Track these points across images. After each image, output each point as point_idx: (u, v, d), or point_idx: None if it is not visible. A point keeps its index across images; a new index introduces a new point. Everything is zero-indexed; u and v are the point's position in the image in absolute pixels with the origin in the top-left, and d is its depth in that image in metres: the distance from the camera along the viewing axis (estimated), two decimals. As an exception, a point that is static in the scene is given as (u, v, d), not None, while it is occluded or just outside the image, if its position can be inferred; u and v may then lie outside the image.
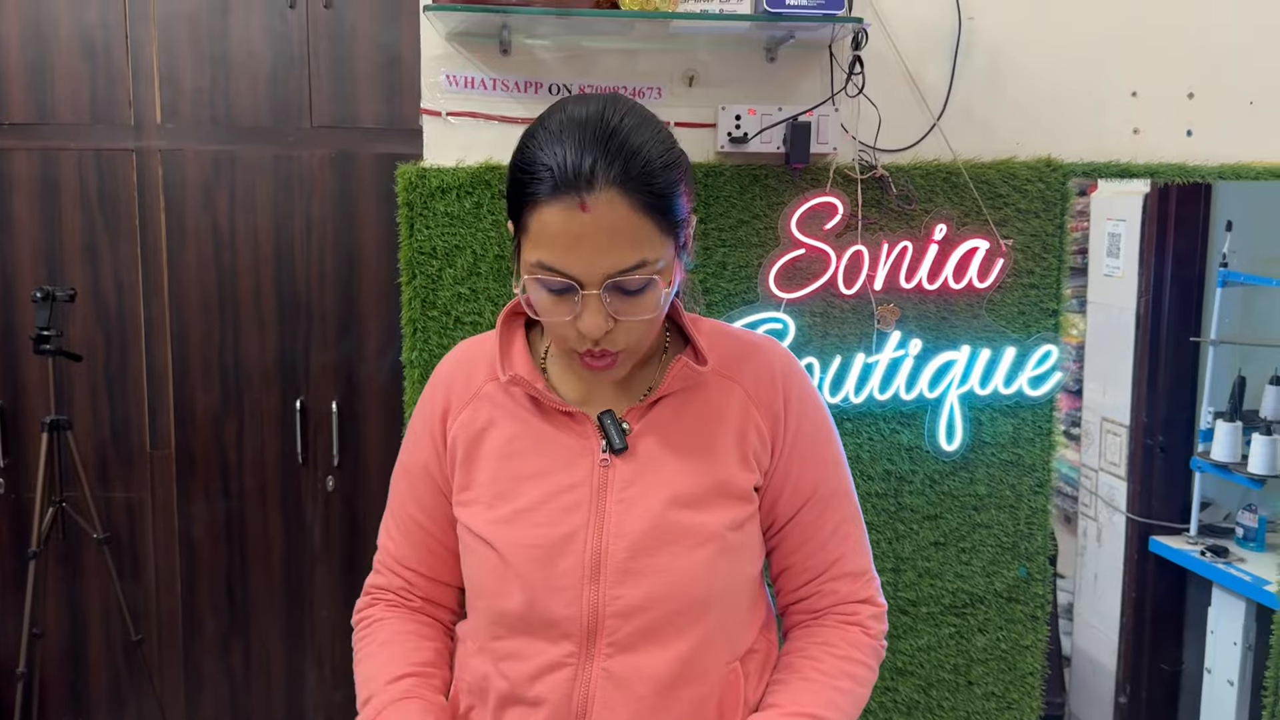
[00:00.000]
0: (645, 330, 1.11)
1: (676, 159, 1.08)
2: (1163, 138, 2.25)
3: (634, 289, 1.06)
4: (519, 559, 1.14)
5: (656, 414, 1.18)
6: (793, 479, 1.22)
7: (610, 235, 1.03)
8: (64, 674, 3.08)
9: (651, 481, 1.15)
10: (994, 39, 2.18)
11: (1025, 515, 2.25)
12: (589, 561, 1.13)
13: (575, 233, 1.02)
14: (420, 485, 1.25)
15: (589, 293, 1.05)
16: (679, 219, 1.08)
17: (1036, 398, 2.22)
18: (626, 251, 1.04)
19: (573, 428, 1.18)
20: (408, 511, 1.27)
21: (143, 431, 3.03)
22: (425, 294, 2.08)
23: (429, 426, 1.25)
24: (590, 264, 1.03)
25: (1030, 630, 2.28)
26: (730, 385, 1.21)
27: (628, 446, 1.16)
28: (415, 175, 2.06)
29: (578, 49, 2.09)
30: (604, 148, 1.03)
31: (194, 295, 3.00)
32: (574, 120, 1.05)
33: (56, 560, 3.01)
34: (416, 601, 1.29)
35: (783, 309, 2.15)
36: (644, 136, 1.05)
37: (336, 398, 3.04)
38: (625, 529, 1.13)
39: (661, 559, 1.13)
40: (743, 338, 1.26)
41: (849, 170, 2.14)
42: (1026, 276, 2.20)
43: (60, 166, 2.95)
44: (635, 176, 1.03)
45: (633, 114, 1.07)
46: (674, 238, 1.08)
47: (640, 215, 1.03)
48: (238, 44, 2.94)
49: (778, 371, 1.23)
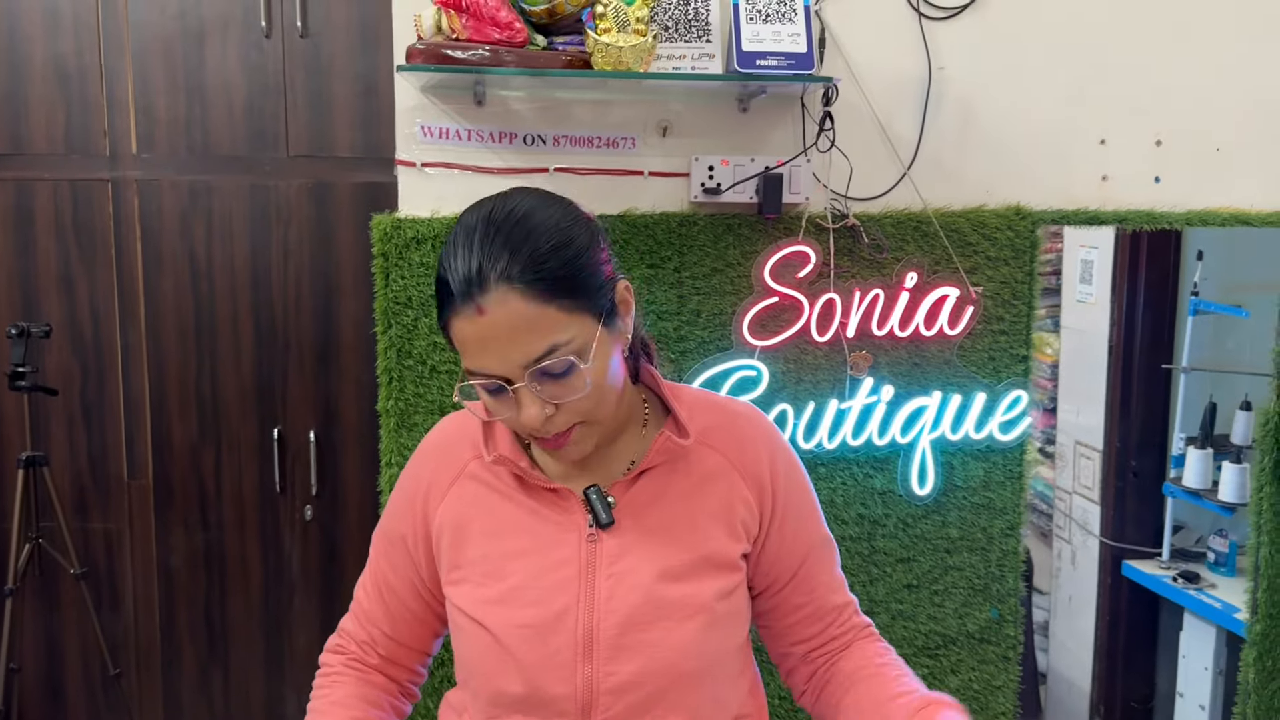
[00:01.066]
0: (589, 406, 1.11)
1: (571, 235, 1.08)
2: (1131, 184, 2.27)
3: (557, 372, 1.07)
4: (512, 639, 1.15)
5: (641, 487, 1.20)
6: (787, 542, 1.25)
7: (510, 331, 1.04)
8: (42, 710, 3.08)
9: (639, 555, 1.17)
10: (963, 89, 2.20)
11: (997, 557, 2.28)
12: (581, 639, 1.15)
13: (480, 336, 1.05)
14: (395, 552, 1.28)
15: (518, 386, 1.07)
16: (590, 291, 1.08)
17: (1007, 442, 2.24)
18: (532, 342, 1.05)
19: (558, 504, 1.19)
20: (382, 573, 1.30)
21: (120, 461, 3.03)
22: (401, 343, 2.09)
23: (411, 503, 1.27)
24: (504, 360, 1.05)
25: (1002, 670, 2.32)
26: (713, 455, 1.23)
27: (614, 521, 1.18)
28: (390, 226, 2.06)
29: (552, 100, 2.10)
30: (488, 248, 1.04)
31: (171, 324, 3.00)
32: (465, 228, 1.08)
33: (34, 595, 3.01)
34: (375, 659, 1.32)
35: (756, 356, 2.17)
36: (531, 223, 1.07)
37: (314, 427, 3.05)
38: (616, 605, 1.15)
39: (653, 634, 1.15)
40: (724, 407, 1.28)
41: (821, 219, 2.16)
42: (996, 323, 2.23)
43: (35, 197, 2.94)
44: (523, 266, 1.04)
45: (523, 202, 1.09)
46: (589, 312, 1.08)
47: (537, 303, 1.04)
48: (214, 73, 2.93)
49: (761, 440, 1.25)
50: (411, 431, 2.11)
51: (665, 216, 2.13)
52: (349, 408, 3.06)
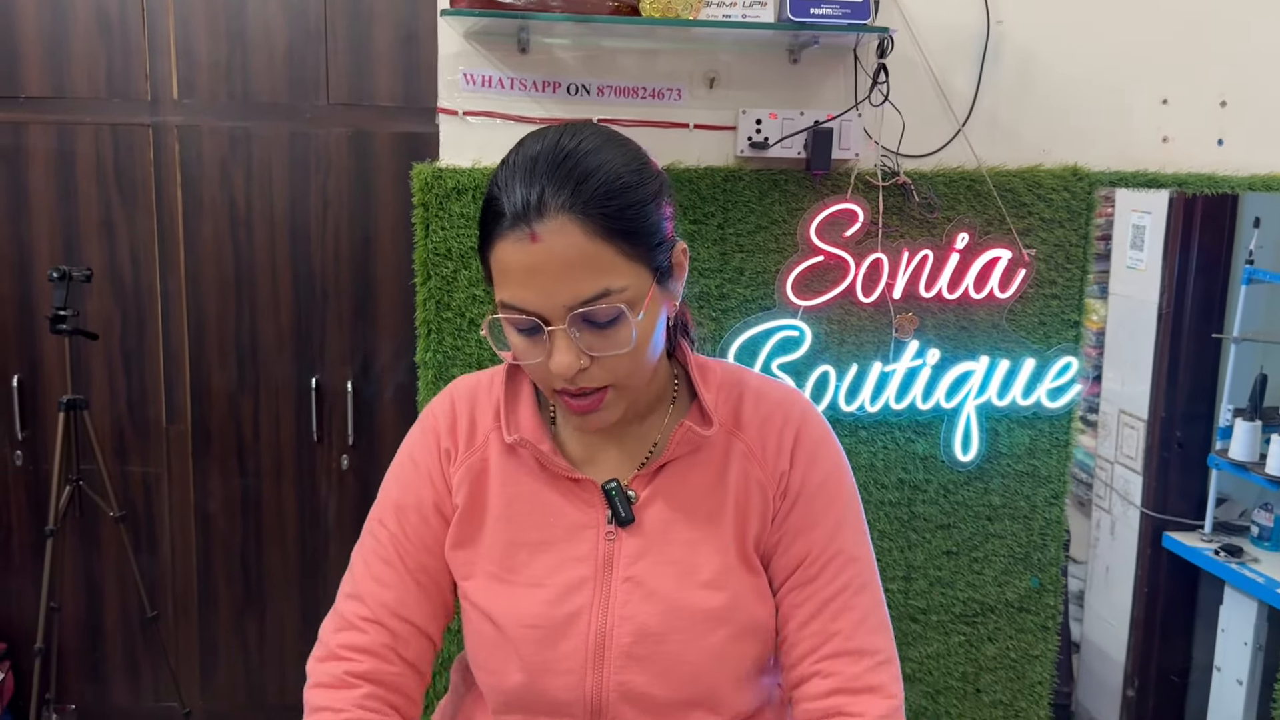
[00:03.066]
0: (628, 367, 1.02)
1: (642, 178, 1.00)
2: (1193, 146, 2.20)
3: (603, 320, 0.98)
4: (520, 638, 1.09)
5: (662, 482, 1.11)
6: (786, 540, 1.12)
7: (564, 264, 0.95)
8: (81, 649, 3.13)
9: (657, 560, 1.09)
10: (1023, 44, 2.13)
11: (1039, 526, 2.25)
12: (593, 644, 1.08)
13: (529, 265, 0.95)
14: (426, 527, 1.15)
15: (554, 328, 0.97)
16: (651, 243, 1.00)
17: (1055, 409, 2.20)
18: (584, 281, 0.96)
19: (578, 495, 1.11)
20: (410, 554, 1.15)
21: (159, 407, 3.04)
22: (440, 295, 2.07)
23: (439, 465, 1.15)
24: (548, 297, 0.96)
25: (1040, 640, 2.29)
26: (735, 443, 1.13)
27: (634, 518, 1.10)
28: (431, 176, 2.03)
29: (597, 49, 2.05)
30: (553, 175, 0.96)
31: (210, 272, 3.00)
32: (527, 153, 0.99)
33: (74, 536, 3.04)
34: (397, 665, 1.13)
35: (799, 316, 2.13)
36: (602, 157, 0.98)
37: (351, 377, 3.04)
38: (631, 611, 1.07)
39: (670, 645, 1.07)
40: (755, 388, 1.17)
41: (870, 177, 2.10)
42: (1049, 287, 2.17)
43: (77, 141, 2.93)
44: (588, 199, 0.95)
45: (593, 137, 1.00)
46: (646, 264, 1.00)
47: (597, 241, 0.95)
48: (255, 19, 2.90)
49: (790, 424, 1.14)
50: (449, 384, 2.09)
51: (710, 171, 2.09)
52: (386, 359, 3.05)
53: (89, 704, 3.15)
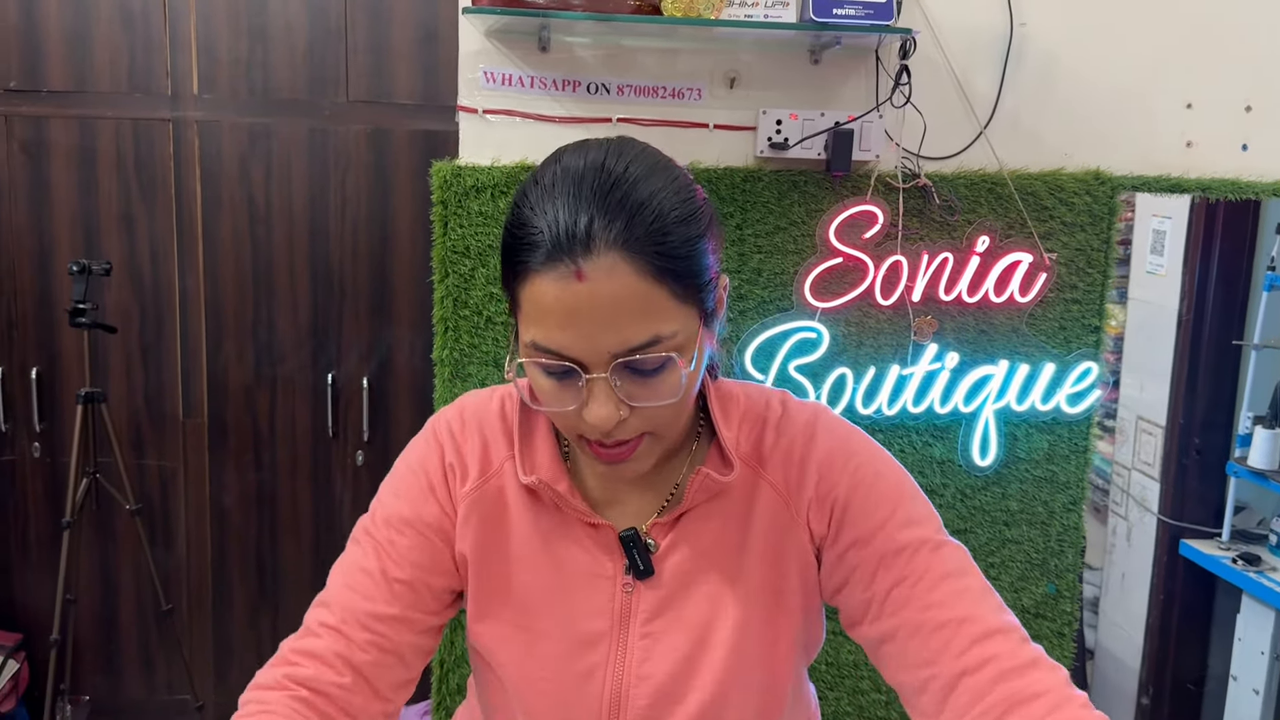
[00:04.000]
0: (669, 416, 0.93)
1: (696, 210, 0.89)
2: (1217, 151, 2.18)
3: (648, 369, 0.88)
4: (530, 694, 1.03)
5: (682, 530, 1.03)
6: (847, 556, 1.01)
7: (613, 309, 0.84)
8: (96, 641, 3.15)
9: (676, 615, 1.02)
10: (1046, 47, 2.12)
11: (1057, 532, 2.23)
12: (607, 704, 1.02)
13: (572, 307, 0.84)
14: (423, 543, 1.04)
15: (595, 377, 0.87)
16: (702, 282, 0.90)
17: (1074, 415, 2.18)
18: (634, 326, 0.85)
19: (596, 541, 1.03)
20: (399, 568, 1.02)
21: (176, 400, 3.05)
22: (457, 293, 2.07)
23: (444, 483, 1.05)
24: (592, 343, 0.86)
25: (1056, 647, 2.27)
26: (760, 484, 1.03)
27: (653, 571, 1.02)
28: (450, 173, 2.03)
29: (617, 48, 2.05)
30: (603, 202, 0.85)
31: (229, 267, 3.01)
32: (569, 171, 0.87)
33: (90, 528, 3.06)
34: (346, 677, 0.98)
35: (817, 318, 2.12)
36: (654, 185, 0.87)
37: (367, 373, 3.05)
38: (648, 671, 1.01)
39: (689, 705, 1.01)
40: (775, 417, 1.05)
41: (891, 178, 2.09)
42: (1069, 291, 2.16)
43: (98, 135, 2.94)
44: (642, 235, 0.84)
45: (641, 159, 0.89)
46: (696, 305, 0.90)
47: (650, 282, 0.85)
48: (276, 15, 2.91)
49: (809, 457, 1.02)
50: (465, 382, 2.09)
51: (729, 171, 2.08)
52: (402, 355, 3.05)
53: (103, 696, 3.16)
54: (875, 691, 2.24)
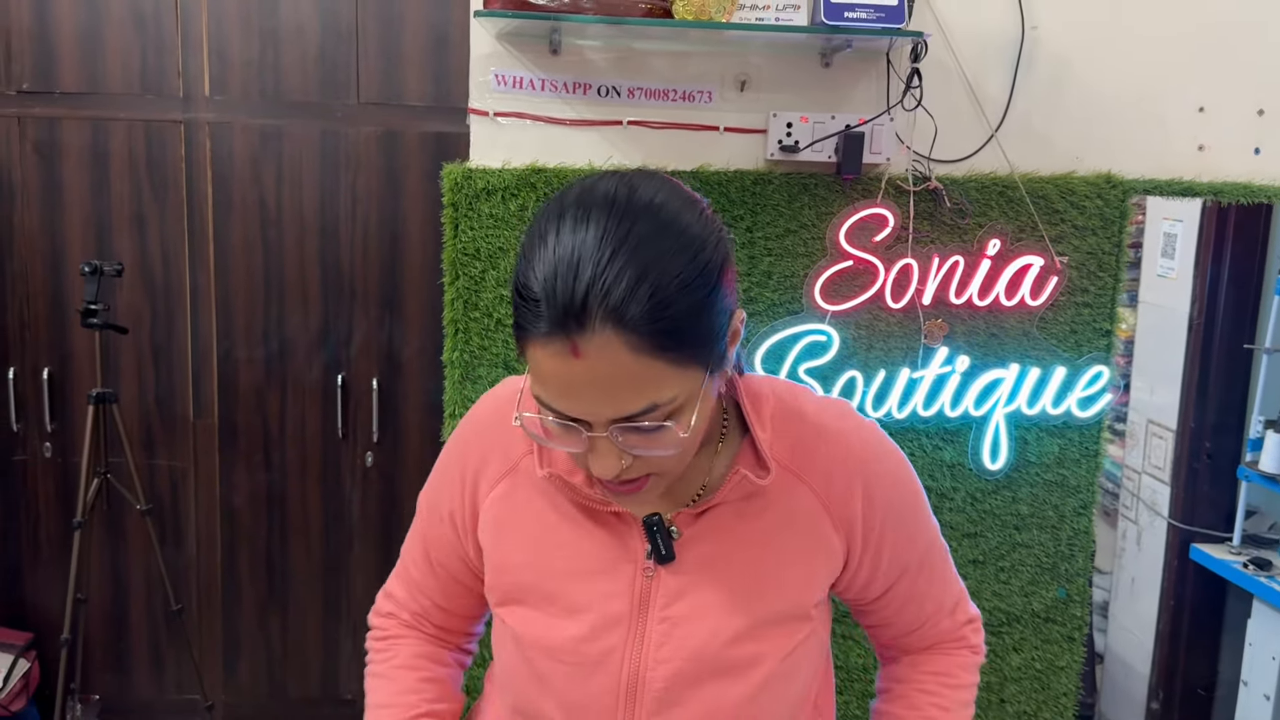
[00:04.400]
0: (674, 462, 0.96)
1: (703, 269, 0.87)
2: (1228, 155, 2.18)
3: (648, 429, 0.90)
4: (550, 670, 1.06)
5: (709, 521, 1.05)
6: (882, 569, 1.11)
7: (608, 383, 0.86)
8: (106, 640, 3.16)
9: (698, 601, 1.04)
10: (1057, 50, 2.12)
11: (1067, 536, 2.23)
12: (625, 684, 1.03)
13: (569, 379, 0.87)
14: (444, 529, 1.16)
15: (596, 435, 0.90)
16: (709, 339, 0.90)
17: (1085, 419, 2.18)
18: (629, 398, 0.87)
19: (617, 527, 1.06)
20: (429, 546, 1.19)
21: (187, 401, 3.06)
22: (468, 295, 2.07)
23: (460, 478, 1.13)
24: (590, 410, 0.89)
25: (1066, 651, 2.27)
26: (798, 487, 1.06)
27: (674, 556, 1.04)
28: (461, 176, 2.04)
29: (628, 50, 2.05)
30: (600, 267, 0.83)
31: (239, 268, 3.02)
32: (573, 219, 0.86)
33: (101, 528, 3.07)
34: (431, 629, 1.23)
35: (827, 321, 2.12)
36: (660, 248, 0.85)
37: (377, 375, 3.06)
38: (666, 654, 1.03)
39: (705, 691, 1.03)
40: (813, 419, 1.08)
41: (901, 181, 2.09)
42: (1080, 295, 2.15)
43: (110, 136, 2.95)
44: (639, 312, 0.83)
45: (653, 206, 0.88)
46: (699, 365, 0.90)
47: (644, 358, 0.85)
48: (287, 18, 2.92)
49: (854, 462, 1.07)
50: (475, 384, 2.10)
51: (739, 174, 2.08)
52: (411, 357, 3.06)
53: (113, 695, 3.18)
54: (884, 695, 2.24)
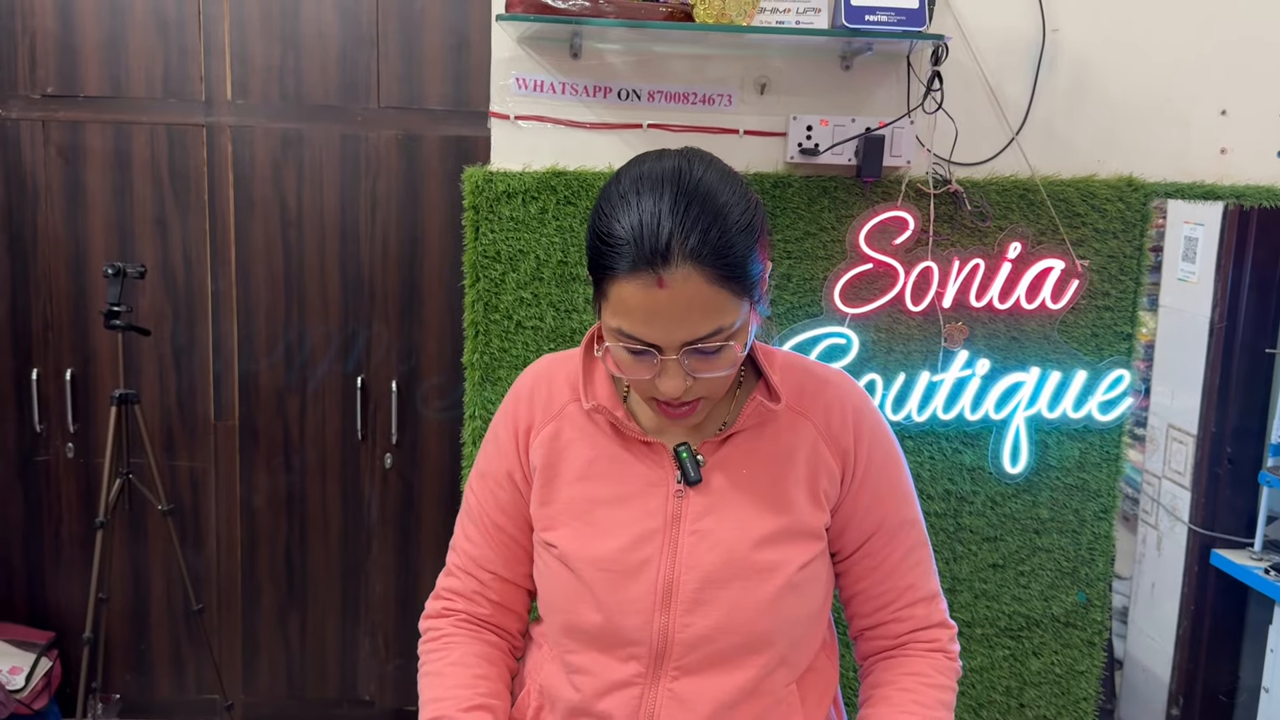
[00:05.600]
0: (724, 383, 1.14)
1: (753, 219, 1.09)
2: (1251, 158, 2.17)
3: (710, 350, 1.09)
4: (594, 579, 1.19)
5: (730, 449, 1.21)
6: (860, 512, 1.24)
7: (686, 309, 1.05)
8: (128, 639, 3.18)
9: (723, 516, 1.19)
10: (1078, 53, 2.11)
11: (1088, 540, 2.22)
12: (661, 589, 1.17)
13: (652, 308, 1.05)
14: (503, 491, 1.28)
15: (668, 358, 1.08)
16: (756, 277, 1.10)
17: (1106, 422, 2.17)
18: (703, 322, 1.06)
19: (650, 457, 1.21)
20: (488, 515, 1.29)
21: (208, 402, 3.08)
22: (488, 297, 2.08)
23: (513, 438, 1.28)
24: (668, 335, 1.07)
25: (1086, 655, 2.26)
26: (802, 422, 1.23)
27: (702, 479, 1.19)
28: (482, 179, 2.05)
29: (649, 54, 2.05)
30: (679, 217, 1.04)
31: (260, 271, 3.03)
32: (649, 184, 1.06)
33: (123, 528, 3.09)
34: (487, 608, 1.30)
35: (847, 324, 2.12)
36: (721, 200, 1.06)
37: (396, 377, 3.07)
38: (697, 560, 1.17)
39: (731, 592, 1.17)
40: (815, 372, 1.28)
41: (922, 184, 2.09)
42: (1102, 298, 2.15)
43: (133, 140, 2.98)
44: (712, 249, 1.04)
45: (710, 174, 1.08)
46: (749, 298, 1.10)
47: (716, 287, 1.05)
48: (308, 22, 2.94)
49: (849, 407, 1.25)
50: (495, 385, 2.10)
51: (759, 177, 2.09)
52: (431, 360, 3.07)
53: (133, 694, 3.20)
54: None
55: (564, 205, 2.05)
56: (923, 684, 1.25)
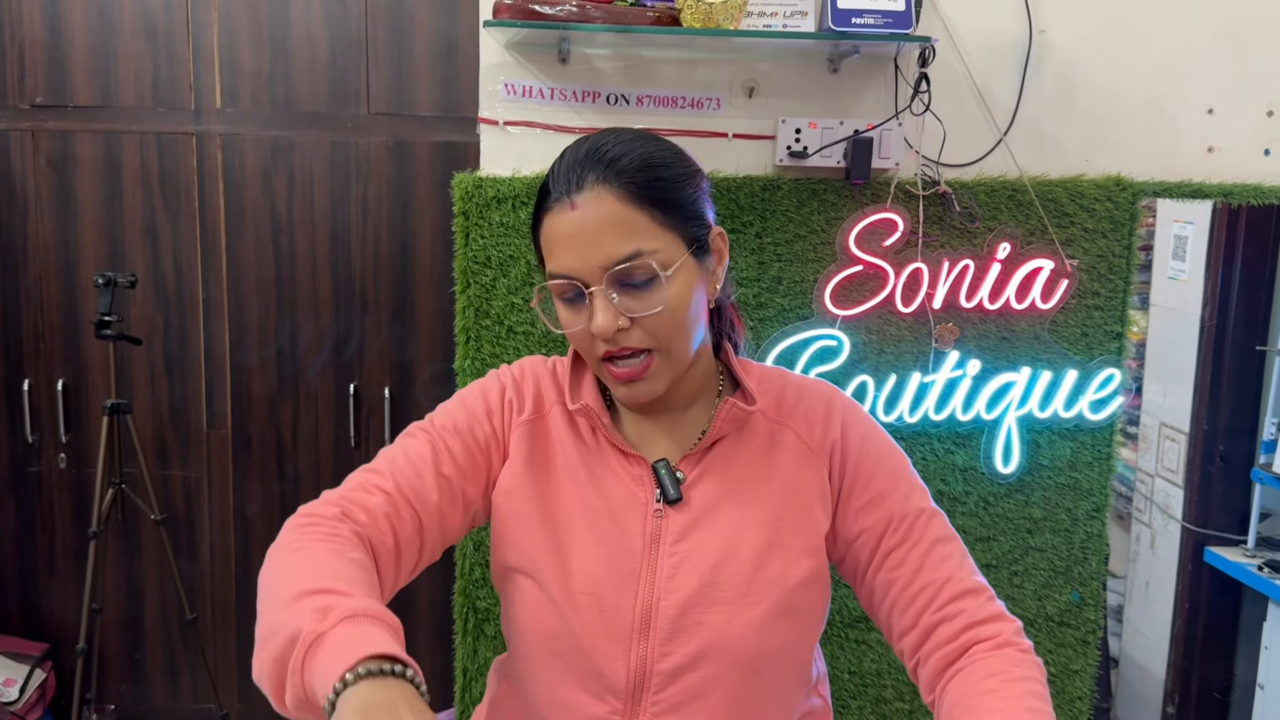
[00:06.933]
0: (668, 329, 1.08)
1: (674, 160, 1.11)
2: (1238, 157, 2.17)
3: (637, 280, 1.07)
4: (568, 604, 1.12)
5: (710, 462, 1.17)
6: (863, 509, 1.17)
7: (598, 227, 1.05)
8: (121, 649, 3.17)
9: (704, 535, 1.13)
10: (1065, 53, 2.12)
11: (1080, 540, 2.22)
12: (639, 615, 1.11)
13: (568, 232, 1.06)
14: (469, 450, 1.17)
15: (593, 289, 1.07)
16: (683, 215, 1.09)
17: (1097, 422, 2.17)
18: (618, 242, 1.06)
19: (629, 471, 1.16)
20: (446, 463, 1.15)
21: (200, 411, 3.08)
22: (479, 303, 2.08)
23: (492, 405, 1.19)
24: (585, 259, 1.06)
25: (1081, 655, 2.26)
26: (783, 431, 1.19)
27: (682, 497, 1.15)
28: (471, 185, 2.05)
29: (636, 59, 2.06)
30: (591, 157, 1.08)
31: (252, 279, 3.03)
32: (575, 144, 1.12)
33: (116, 538, 3.08)
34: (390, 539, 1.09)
35: (838, 326, 2.12)
36: (636, 145, 1.09)
37: (389, 383, 3.07)
38: (677, 584, 1.11)
39: (713, 616, 1.11)
40: (794, 381, 1.24)
41: (911, 186, 2.09)
42: (1091, 298, 2.15)
43: (123, 149, 2.98)
44: (620, 171, 1.06)
45: (633, 133, 1.12)
46: (679, 234, 1.09)
47: (629, 205, 1.06)
48: (297, 29, 2.94)
49: (832, 409, 1.20)
50: (502, 376, 2.10)
51: (749, 180, 2.09)
52: (423, 366, 3.07)
53: (128, 705, 3.19)
54: (899, 700, 2.24)
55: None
56: (1003, 681, 1.06)
